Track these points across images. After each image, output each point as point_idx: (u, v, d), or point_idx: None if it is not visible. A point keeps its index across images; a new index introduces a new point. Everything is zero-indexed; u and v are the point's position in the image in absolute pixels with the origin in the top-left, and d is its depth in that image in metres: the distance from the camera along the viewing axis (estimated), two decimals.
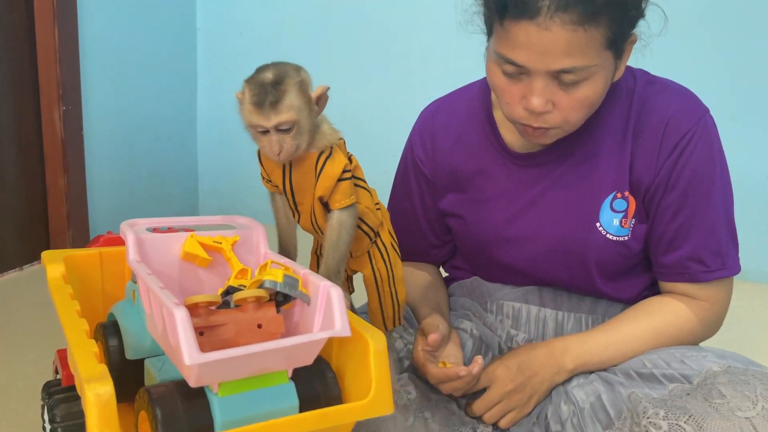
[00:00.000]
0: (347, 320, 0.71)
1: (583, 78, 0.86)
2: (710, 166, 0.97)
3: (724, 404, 0.81)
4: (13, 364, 1.57)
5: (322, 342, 0.71)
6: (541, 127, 0.91)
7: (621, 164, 0.99)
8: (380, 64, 2.64)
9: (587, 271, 1.03)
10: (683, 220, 0.98)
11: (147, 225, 0.86)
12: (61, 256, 0.90)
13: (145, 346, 0.82)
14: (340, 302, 0.72)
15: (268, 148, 0.78)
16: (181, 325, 0.64)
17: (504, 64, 0.89)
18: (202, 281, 0.86)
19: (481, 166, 1.07)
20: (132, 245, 0.80)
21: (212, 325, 0.72)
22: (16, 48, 2.13)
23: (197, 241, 0.84)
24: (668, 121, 0.96)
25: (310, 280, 0.77)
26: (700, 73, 2.11)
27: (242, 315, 0.73)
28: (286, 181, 0.83)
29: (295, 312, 0.80)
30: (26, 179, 2.22)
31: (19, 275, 2.18)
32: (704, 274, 0.99)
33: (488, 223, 1.07)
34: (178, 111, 2.80)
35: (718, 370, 0.87)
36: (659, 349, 0.97)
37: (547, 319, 1.08)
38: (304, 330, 0.77)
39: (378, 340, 0.74)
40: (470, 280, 1.17)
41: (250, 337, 0.73)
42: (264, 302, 0.75)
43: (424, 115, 1.16)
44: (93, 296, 0.93)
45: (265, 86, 0.76)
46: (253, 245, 0.89)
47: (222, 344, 0.72)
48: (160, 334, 0.74)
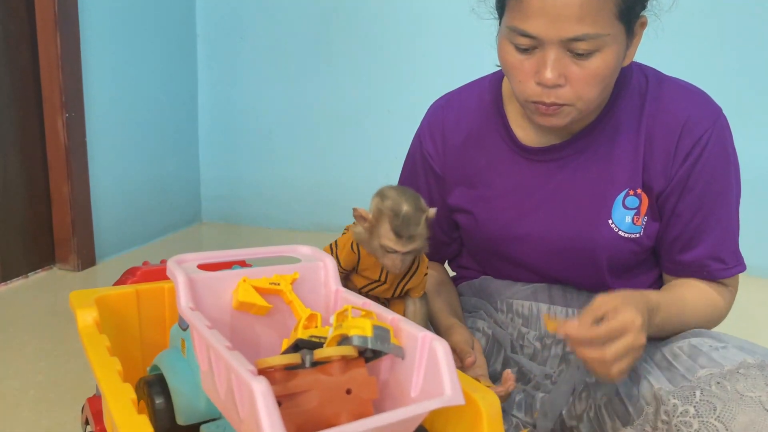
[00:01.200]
0: (458, 384, 0.58)
1: (596, 49, 0.86)
2: (726, 166, 0.98)
3: (754, 398, 0.80)
4: (24, 372, 1.55)
5: (428, 412, 0.57)
6: (554, 103, 0.89)
7: (633, 162, 0.98)
8: (381, 68, 2.62)
9: (598, 268, 1.02)
10: (701, 220, 0.98)
11: (197, 261, 0.72)
12: (92, 297, 0.76)
13: (200, 408, 0.69)
14: (448, 359, 0.59)
15: (390, 263, 0.88)
16: (263, 404, 0.51)
17: (517, 38, 0.88)
18: (258, 330, 0.72)
19: (491, 161, 1.06)
20: (183, 289, 0.66)
21: (292, 392, 0.59)
22: (18, 56, 2.12)
23: (251, 285, 0.71)
24: (684, 123, 0.96)
25: (402, 328, 0.64)
26: (703, 67, 2.13)
27: (328, 379, 0.60)
28: (383, 276, 0.93)
29: (383, 367, 0.66)
30: (30, 187, 2.22)
31: (24, 283, 2.16)
32: (723, 272, 1.00)
33: (498, 219, 1.05)
34: (179, 117, 2.80)
35: (753, 362, 0.85)
36: (678, 337, 0.94)
37: (558, 316, 1.07)
38: (397, 390, 0.64)
39: (491, 403, 0.61)
40: (479, 280, 1.15)
41: (338, 406, 0.59)
42: (351, 359, 0.61)
43: (434, 109, 1.14)
44: (130, 341, 0.80)
45: (406, 220, 0.86)
46: (319, 282, 0.75)
47: (305, 416, 0.58)
48: (223, 399, 0.60)
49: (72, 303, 0.76)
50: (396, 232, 0.86)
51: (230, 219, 2.93)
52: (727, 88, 2.17)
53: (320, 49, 2.66)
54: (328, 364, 0.61)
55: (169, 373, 0.71)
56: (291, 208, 2.83)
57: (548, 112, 0.91)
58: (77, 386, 1.47)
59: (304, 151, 2.78)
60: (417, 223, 0.86)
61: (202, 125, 2.90)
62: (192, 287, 0.68)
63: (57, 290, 2.10)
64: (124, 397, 0.61)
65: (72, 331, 0.76)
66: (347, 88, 2.66)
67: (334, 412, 0.59)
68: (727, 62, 2.26)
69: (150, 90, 2.58)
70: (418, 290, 0.96)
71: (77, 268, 2.28)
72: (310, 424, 0.58)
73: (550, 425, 0.97)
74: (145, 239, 2.59)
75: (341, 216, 2.63)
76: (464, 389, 0.61)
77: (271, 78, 2.75)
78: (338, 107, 2.69)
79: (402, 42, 2.56)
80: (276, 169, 2.83)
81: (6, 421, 1.34)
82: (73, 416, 1.33)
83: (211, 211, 2.97)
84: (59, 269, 2.28)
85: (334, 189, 2.72)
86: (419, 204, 0.89)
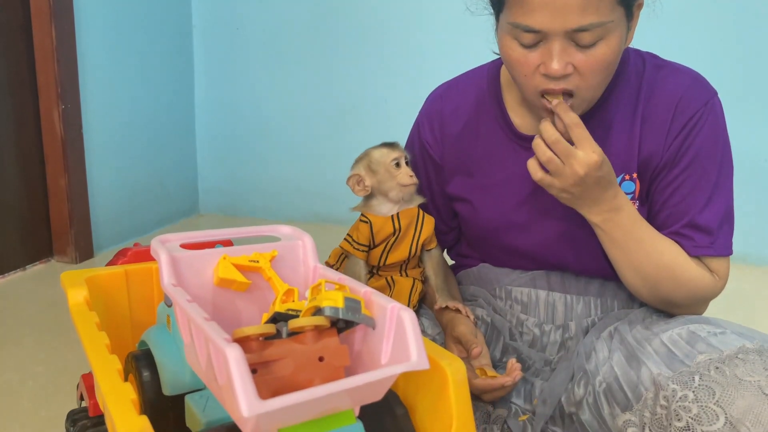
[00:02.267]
0: (424, 350, 0.61)
1: (600, 37, 0.86)
2: (714, 147, 0.98)
3: (753, 383, 0.80)
4: (23, 363, 1.58)
5: (396, 376, 0.61)
6: (564, 89, 0.90)
7: (630, 147, 0.99)
8: (377, 58, 2.63)
9: (595, 255, 1.02)
10: (680, 198, 0.98)
11: (179, 241, 0.75)
12: (82, 277, 0.80)
13: (185, 380, 0.72)
14: (414, 327, 0.62)
15: (403, 176, 1.04)
16: (236, 368, 0.54)
17: (520, 34, 0.88)
18: (239, 305, 0.76)
19: (489, 149, 1.06)
20: (166, 266, 0.70)
21: (267, 360, 0.62)
22: (12, 47, 2.12)
23: (231, 263, 0.74)
24: (678, 101, 0.97)
25: (373, 300, 0.67)
26: (701, 53, 2.09)
27: (301, 347, 0.63)
28: (396, 226, 1.06)
29: (356, 338, 0.69)
30: (27, 179, 2.23)
31: (22, 275, 2.19)
32: (691, 249, 0.98)
33: (497, 208, 1.06)
34: (175, 108, 2.81)
35: (751, 347, 0.86)
36: (677, 323, 0.94)
37: (556, 303, 1.08)
38: (369, 358, 0.67)
39: (457, 369, 0.65)
40: (477, 268, 1.16)
41: (311, 372, 0.63)
42: (324, 330, 0.65)
43: (433, 98, 1.14)
44: (120, 320, 0.83)
45: (386, 142, 1.06)
46: (298, 259, 0.78)
47: (279, 382, 0.62)
48: (204, 369, 0.64)
49: (63, 282, 0.79)
50: (387, 145, 1.04)
51: (227, 211, 2.96)
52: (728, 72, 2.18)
53: (317, 40, 2.67)
54: (301, 333, 0.64)
55: (155, 347, 0.75)
56: (288, 199, 2.86)
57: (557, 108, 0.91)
58: (76, 377, 1.48)
59: (301, 142, 2.79)
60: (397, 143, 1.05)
61: (199, 117, 2.91)
62: (174, 265, 0.71)
63: (55, 283, 2.10)
64: (110, 368, 0.64)
65: (70, 323, 0.78)
66: (344, 79, 2.67)
67: (307, 378, 0.62)
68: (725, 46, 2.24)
69: (145, 81, 2.59)
70: (431, 242, 1.08)
71: (75, 261, 2.31)
72: (284, 390, 0.61)
73: (549, 412, 0.97)
74: (143, 231, 2.62)
75: (338, 207, 2.66)
76: (431, 356, 0.65)
77: (268, 69, 2.76)
78: (335, 98, 2.70)
79: (399, 31, 2.57)
80: (273, 161, 2.85)
81: (6, 411, 1.37)
82: (73, 406, 1.36)
83: (208, 203, 2.99)
84: (57, 261, 2.31)
85: (330, 180, 2.73)
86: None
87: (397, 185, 1.04)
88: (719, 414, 0.79)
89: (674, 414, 0.82)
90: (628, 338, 0.96)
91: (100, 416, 0.84)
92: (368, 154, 1.06)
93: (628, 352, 0.94)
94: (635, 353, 0.93)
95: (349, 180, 1.06)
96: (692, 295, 0.99)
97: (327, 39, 2.66)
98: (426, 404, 0.67)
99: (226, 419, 0.68)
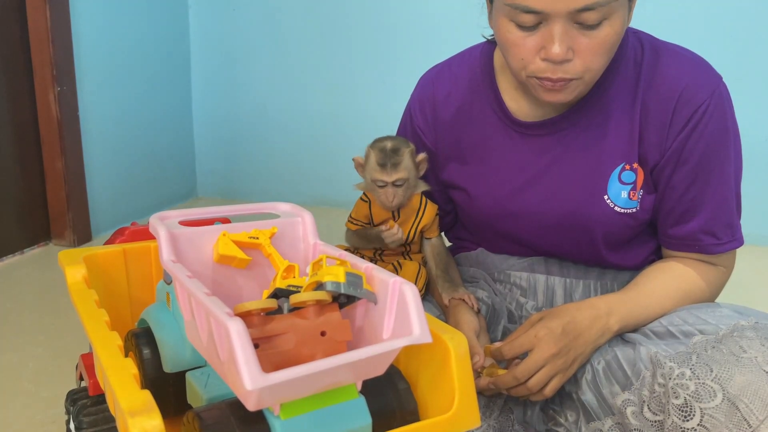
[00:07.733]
0: (426, 324, 0.61)
1: (604, 17, 0.82)
2: (724, 138, 0.94)
3: (751, 359, 0.80)
4: (23, 345, 1.59)
5: (398, 350, 0.60)
6: (561, 78, 0.86)
7: (629, 135, 0.95)
8: (375, 38, 2.60)
9: (594, 243, 1.01)
10: (695, 194, 0.95)
11: (178, 218, 0.75)
12: (80, 255, 0.79)
13: (185, 357, 0.72)
14: (416, 301, 0.62)
15: (384, 197, 1.00)
16: (238, 342, 0.54)
17: (519, 16, 0.84)
18: (239, 282, 0.75)
19: (484, 136, 1.03)
20: (165, 243, 0.69)
21: (269, 335, 0.62)
22: (7, 29, 2.09)
23: (231, 240, 0.74)
24: (680, 93, 0.92)
25: (374, 275, 0.67)
26: (699, 33, 2.10)
27: (303, 322, 0.63)
28: (395, 212, 1.04)
29: (358, 313, 0.69)
30: (24, 162, 2.22)
31: (20, 259, 2.18)
32: (715, 247, 0.98)
33: (492, 195, 1.04)
34: (172, 90, 2.79)
35: (746, 324, 0.85)
36: (675, 309, 0.96)
37: (556, 286, 1.06)
38: (371, 333, 0.67)
39: (459, 343, 0.64)
40: (476, 252, 1.14)
41: (313, 347, 0.62)
42: (325, 305, 0.64)
43: (423, 82, 1.11)
44: (119, 299, 0.83)
45: (387, 152, 0.99)
46: (298, 236, 0.78)
47: (281, 357, 0.62)
48: (205, 345, 0.64)
49: (61, 261, 0.79)
50: (379, 163, 0.98)
51: (226, 193, 2.95)
52: (728, 53, 2.15)
53: (314, 20, 2.64)
54: (303, 308, 0.64)
55: (155, 325, 0.74)
56: (286, 181, 2.84)
57: (555, 87, 0.88)
58: (75, 358, 1.49)
59: (298, 124, 2.77)
60: (398, 153, 0.99)
61: (196, 98, 2.89)
62: (174, 242, 0.71)
63: (53, 266, 2.10)
64: (111, 344, 0.64)
65: (70, 305, 0.78)
66: (341, 59, 2.65)
67: (309, 353, 0.62)
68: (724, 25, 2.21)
69: (141, 62, 2.57)
70: (432, 230, 1.06)
71: (73, 244, 2.30)
72: (286, 364, 0.61)
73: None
74: (141, 214, 2.60)
75: (337, 189, 2.66)
76: (433, 330, 0.65)
77: (264, 49, 2.74)
78: (332, 78, 2.68)
79: (396, 10, 2.54)
80: (271, 142, 2.83)
81: (7, 392, 1.38)
82: (72, 387, 1.36)
83: (207, 186, 2.98)
84: (55, 245, 2.30)
85: (328, 161, 2.72)
86: (403, 140, 1.02)
87: (378, 197, 1.02)
88: (717, 390, 0.79)
89: (672, 391, 0.81)
90: None
91: (99, 395, 0.84)
92: (369, 154, 1.01)
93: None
94: (632, 336, 0.93)
95: (353, 159, 1.05)
96: (713, 297, 1.02)
97: (324, 18, 2.63)
98: (428, 378, 0.67)
99: (227, 395, 0.68)
